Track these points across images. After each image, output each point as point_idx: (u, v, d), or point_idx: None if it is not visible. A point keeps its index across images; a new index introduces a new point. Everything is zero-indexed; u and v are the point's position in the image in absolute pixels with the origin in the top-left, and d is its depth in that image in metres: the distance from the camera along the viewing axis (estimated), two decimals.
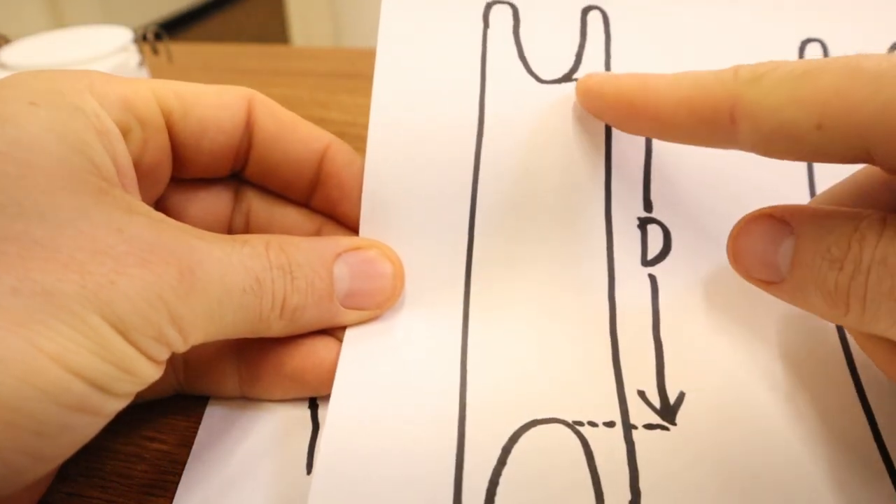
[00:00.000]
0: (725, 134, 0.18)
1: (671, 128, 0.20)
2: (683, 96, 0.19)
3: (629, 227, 0.23)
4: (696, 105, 0.18)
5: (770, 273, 0.18)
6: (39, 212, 0.16)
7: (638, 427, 0.20)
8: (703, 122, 0.18)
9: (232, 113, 0.22)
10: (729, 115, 0.17)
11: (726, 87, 0.18)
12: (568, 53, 0.24)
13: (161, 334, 0.17)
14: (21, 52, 0.42)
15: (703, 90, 0.18)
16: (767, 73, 0.17)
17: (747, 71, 0.17)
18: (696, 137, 0.19)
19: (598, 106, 0.22)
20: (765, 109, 0.17)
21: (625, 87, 0.21)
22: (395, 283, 0.22)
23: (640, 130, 0.22)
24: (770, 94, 0.16)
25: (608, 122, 0.23)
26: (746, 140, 0.17)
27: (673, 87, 0.19)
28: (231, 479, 0.20)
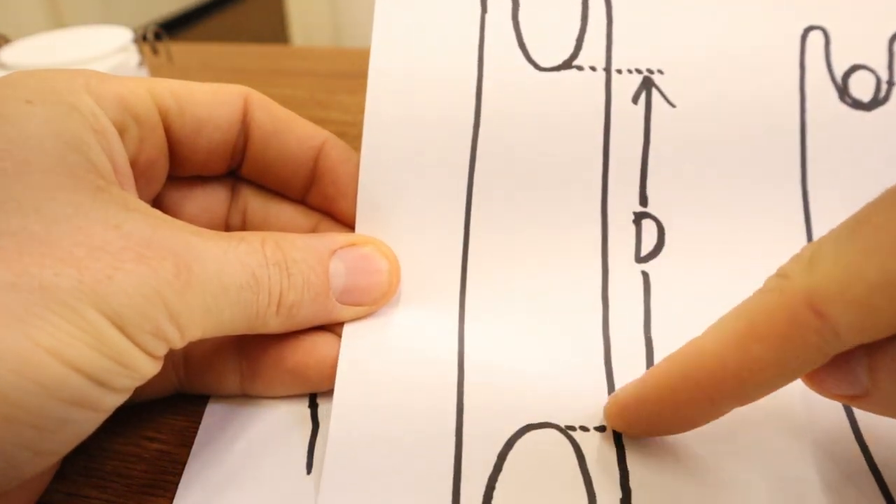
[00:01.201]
0: (818, 336, 0.15)
1: (752, 375, 0.16)
2: (743, 333, 0.15)
3: (624, 222, 0.23)
4: (765, 329, 0.15)
5: (851, 387, 0.16)
6: (36, 208, 0.16)
7: None
8: (785, 342, 0.15)
9: (228, 110, 0.22)
10: (810, 312, 0.14)
11: (785, 292, 0.15)
12: (568, 38, 0.23)
13: (158, 329, 0.17)
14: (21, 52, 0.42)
15: (762, 313, 0.15)
16: (815, 252, 0.15)
17: (792, 265, 0.15)
18: (787, 366, 0.15)
19: (646, 419, 0.18)
20: (848, 278, 0.14)
21: (665, 373, 0.17)
22: (391, 279, 0.22)
23: (718, 409, 0.17)
24: (840, 263, 0.14)
25: (674, 431, 0.19)
26: (847, 324, 0.14)
27: (721, 334, 0.16)
28: (231, 478, 0.20)
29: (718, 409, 0.17)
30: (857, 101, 0.24)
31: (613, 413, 0.19)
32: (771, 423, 0.20)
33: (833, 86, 0.24)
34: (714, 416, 0.17)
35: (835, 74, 0.24)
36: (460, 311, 0.22)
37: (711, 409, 0.17)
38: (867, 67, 0.24)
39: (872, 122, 0.23)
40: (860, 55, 0.24)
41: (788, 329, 0.15)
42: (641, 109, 0.23)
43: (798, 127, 0.23)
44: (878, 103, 0.24)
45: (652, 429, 0.19)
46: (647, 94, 0.23)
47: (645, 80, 0.24)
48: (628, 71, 0.23)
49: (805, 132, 0.24)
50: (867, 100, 0.24)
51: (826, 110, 0.23)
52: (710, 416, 0.18)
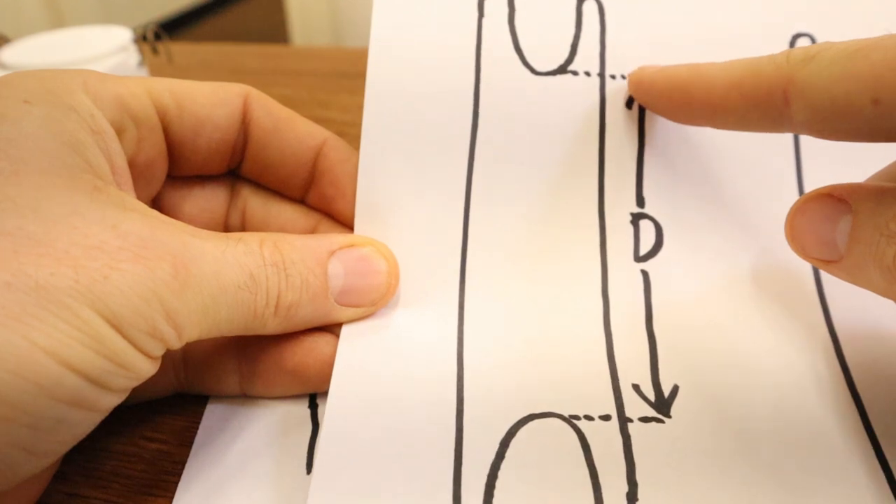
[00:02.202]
0: (779, 115, 0.18)
1: (724, 113, 0.20)
2: (735, 80, 0.19)
3: (622, 223, 0.23)
4: (749, 88, 0.18)
5: (827, 251, 0.18)
6: (33, 208, 0.16)
7: (633, 420, 0.20)
8: (756, 105, 0.18)
9: (227, 110, 0.22)
10: (782, 95, 0.17)
11: (779, 69, 0.18)
12: (563, 44, 0.24)
13: (155, 329, 0.17)
14: (21, 52, 0.42)
15: (755, 73, 0.18)
16: (820, 53, 0.17)
17: (800, 52, 0.17)
18: (749, 122, 0.19)
19: (650, 96, 0.23)
20: (818, 87, 0.17)
21: (677, 75, 0.21)
22: (390, 280, 0.22)
23: (693, 118, 0.22)
24: (823, 72, 0.16)
25: (661, 114, 0.23)
26: (801, 120, 0.17)
27: (725, 72, 0.19)
28: (231, 478, 0.20)
29: (695, 119, 0.22)
30: None
31: (633, 81, 0.23)
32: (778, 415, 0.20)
33: None
34: (691, 123, 0.22)
35: None
36: (459, 311, 0.22)
37: (698, 115, 0.21)
38: None
39: None
40: None
41: (761, 99, 0.18)
42: (635, 113, 0.24)
43: None
44: None
45: (655, 107, 0.23)
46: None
47: None
48: (622, 76, 0.24)
49: None
50: None
51: None
52: (696, 120, 0.22)
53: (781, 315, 0.22)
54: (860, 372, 0.21)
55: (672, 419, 0.20)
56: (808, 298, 0.23)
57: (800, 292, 0.23)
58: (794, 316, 0.22)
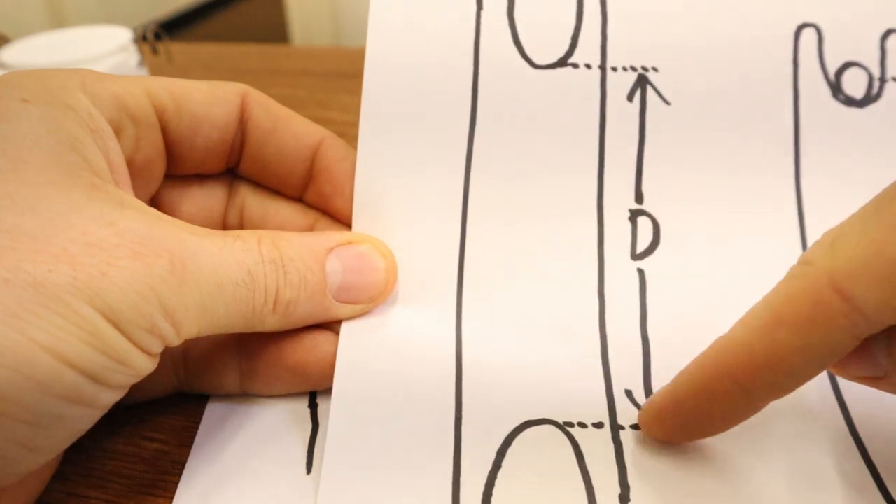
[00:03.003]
0: (845, 318, 0.14)
1: (780, 362, 0.15)
2: (771, 320, 0.15)
3: (620, 219, 0.23)
4: (792, 314, 0.15)
5: (870, 369, 0.16)
6: (31, 205, 0.16)
7: (625, 427, 0.20)
8: (811, 325, 0.15)
9: (225, 109, 0.22)
10: (835, 295, 0.14)
11: (809, 276, 0.15)
12: (564, 36, 0.24)
13: (153, 326, 0.17)
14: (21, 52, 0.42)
15: (787, 298, 0.15)
16: (838, 235, 0.15)
17: (814, 250, 0.15)
18: (815, 350, 0.15)
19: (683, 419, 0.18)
20: (870, 257, 0.14)
21: (697, 370, 0.17)
22: (388, 277, 0.22)
23: (754, 400, 0.17)
24: (861, 243, 0.14)
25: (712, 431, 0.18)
26: (874, 303, 0.14)
27: (751, 322, 0.16)
28: (231, 478, 0.20)
29: (754, 401, 0.17)
30: (849, 98, 0.24)
31: (650, 419, 0.19)
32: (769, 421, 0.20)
33: (826, 83, 0.24)
34: (752, 410, 0.17)
35: (828, 71, 0.24)
36: (457, 308, 0.22)
37: (747, 401, 0.17)
38: (860, 64, 0.24)
39: (865, 119, 0.24)
40: (853, 52, 0.24)
41: (813, 312, 0.15)
42: (636, 107, 0.24)
43: (792, 124, 0.24)
44: (871, 100, 0.24)
45: (690, 430, 0.18)
46: (642, 92, 0.24)
47: (640, 78, 0.24)
48: (623, 69, 0.24)
49: (798, 129, 0.24)
50: (860, 97, 0.24)
51: (819, 107, 0.24)
52: (747, 410, 0.17)
53: None
54: None
55: None
56: None
57: None
58: None
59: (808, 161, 0.24)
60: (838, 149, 0.23)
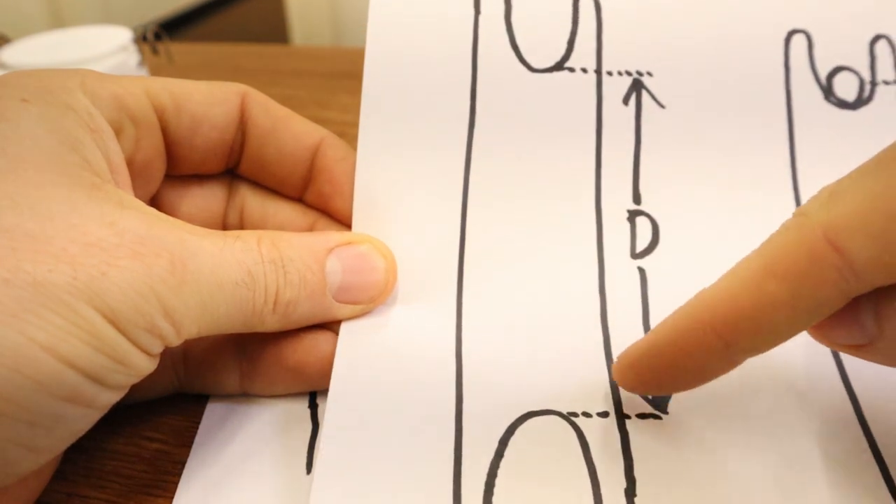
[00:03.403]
0: (838, 272, 0.14)
1: (770, 315, 0.15)
2: (762, 270, 0.15)
3: (619, 220, 0.23)
4: (784, 266, 0.14)
5: (857, 336, 0.15)
6: (31, 205, 0.16)
7: (631, 417, 0.20)
8: (803, 279, 0.14)
9: (225, 109, 0.22)
10: (828, 248, 0.14)
11: (803, 228, 0.14)
12: (560, 41, 0.24)
13: (153, 326, 0.17)
14: (21, 52, 0.42)
15: (781, 249, 0.15)
16: (835, 190, 0.14)
17: (811, 203, 0.15)
18: (805, 304, 0.15)
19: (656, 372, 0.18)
20: (866, 211, 0.14)
21: (679, 320, 0.16)
22: (388, 277, 0.22)
23: (736, 352, 0.16)
24: (858, 197, 0.14)
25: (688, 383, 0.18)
26: (866, 258, 0.14)
27: (742, 272, 0.15)
28: (231, 478, 0.20)
29: (732, 355, 0.16)
30: (841, 101, 0.24)
31: (624, 367, 0.18)
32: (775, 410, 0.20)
33: (818, 86, 0.24)
34: (728, 366, 0.17)
35: (819, 75, 0.24)
36: (457, 308, 0.22)
37: (725, 355, 0.16)
38: (850, 69, 0.24)
39: (858, 121, 0.24)
40: (843, 57, 0.24)
41: (807, 265, 0.14)
42: (632, 110, 0.24)
43: (786, 126, 0.24)
44: (863, 102, 0.24)
45: (663, 383, 0.18)
46: (637, 96, 0.24)
47: (635, 82, 0.24)
48: (618, 73, 0.24)
49: (793, 131, 0.24)
50: (852, 99, 0.24)
51: (812, 110, 0.24)
52: (723, 365, 0.17)
53: None
54: (856, 367, 0.21)
55: (669, 415, 0.20)
56: None
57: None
58: None
59: (803, 158, 0.24)
60: (832, 149, 0.24)
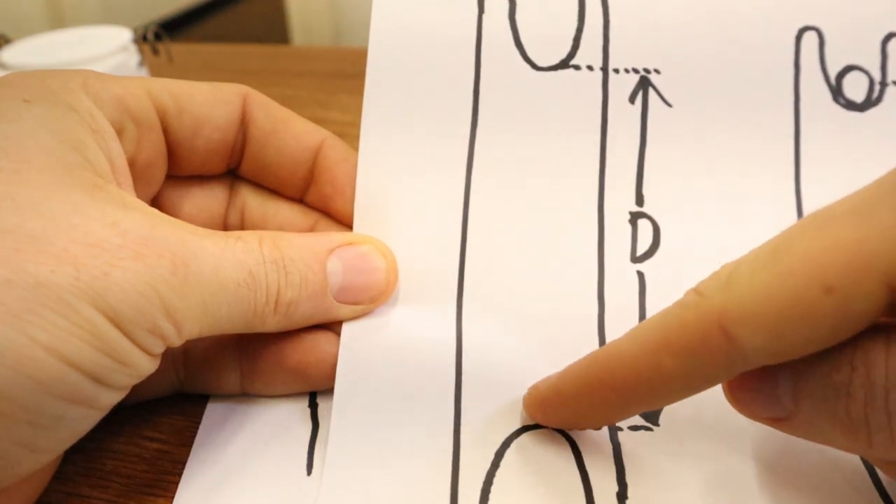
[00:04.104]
0: (726, 357, 0.15)
1: (661, 385, 0.16)
2: (658, 343, 0.16)
3: (620, 222, 0.23)
4: (679, 344, 0.15)
5: (774, 409, 0.16)
6: (33, 206, 0.16)
7: (623, 428, 0.20)
8: (694, 358, 0.15)
9: (226, 110, 0.22)
10: (720, 333, 0.15)
11: (700, 309, 0.15)
12: (565, 38, 0.24)
13: (155, 326, 0.17)
14: (21, 52, 0.42)
15: (677, 326, 0.16)
16: (732, 273, 0.15)
17: (709, 283, 0.15)
18: (694, 380, 0.16)
19: (561, 414, 0.19)
20: (758, 303, 0.14)
21: (582, 372, 0.18)
22: (389, 277, 0.22)
23: (625, 410, 0.18)
24: (753, 287, 0.14)
25: (584, 426, 0.19)
26: (753, 348, 0.14)
27: (639, 340, 0.16)
28: (231, 478, 0.20)
29: (629, 410, 0.18)
30: (850, 102, 0.24)
31: (532, 404, 0.20)
32: None
33: (827, 86, 0.24)
34: (626, 416, 0.18)
35: (829, 75, 0.24)
36: (458, 309, 0.22)
37: (623, 410, 0.18)
38: (861, 68, 0.24)
39: (865, 123, 0.24)
40: (854, 56, 0.24)
41: (699, 346, 0.15)
42: (638, 109, 0.24)
43: (792, 127, 0.24)
44: (871, 104, 0.24)
45: (566, 423, 0.20)
46: (644, 94, 0.24)
47: (642, 80, 0.24)
48: (625, 70, 0.24)
49: (799, 132, 0.24)
50: (860, 100, 0.24)
51: (820, 111, 0.24)
52: (621, 416, 0.19)
53: None
54: None
55: (661, 427, 0.20)
56: None
57: None
58: None
59: (808, 164, 0.24)
60: (839, 152, 0.23)
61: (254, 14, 1.42)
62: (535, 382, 0.20)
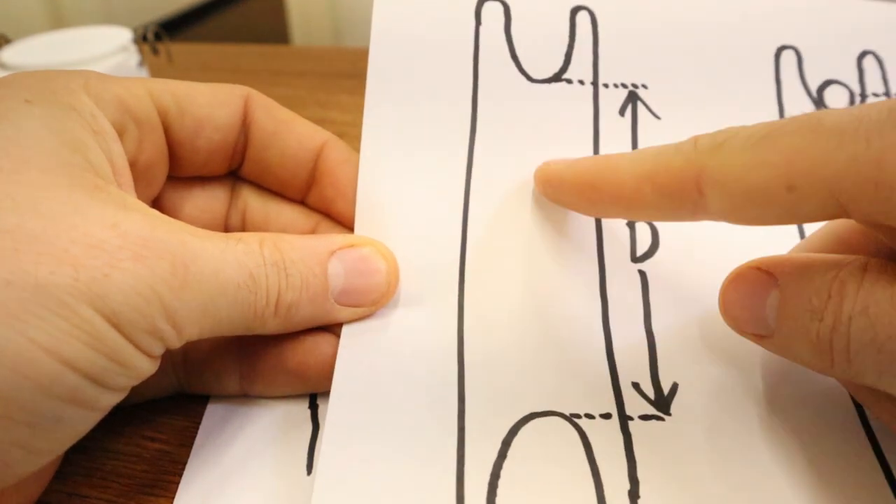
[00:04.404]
0: (693, 206, 0.18)
1: (637, 206, 0.19)
2: (646, 174, 0.18)
3: (618, 226, 0.24)
4: (661, 181, 0.18)
5: (760, 327, 0.18)
6: (33, 206, 0.16)
7: (634, 418, 0.20)
8: (669, 197, 0.18)
9: (228, 111, 0.22)
10: (695, 186, 0.17)
11: (688, 160, 0.17)
12: (558, 53, 0.24)
13: (155, 328, 0.17)
14: (21, 52, 0.42)
15: (666, 164, 0.18)
16: (728, 140, 0.17)
17: (707, 140, 0.17)
18: (663, 212, 0.19)
19: (558, 193, 0.22)
20: (731, 176, 0.16)
21: (585, 171, 0.21)
22: (390, 279, 0.22)
23: (606, 212, 0.21)
24: (734, 160, 0.16)
25: (572, 209, 0.23)
26: (716, 209, 0.17)
27: (634, 164, 0.19)
28: (231, 479, 0.20)
29: (609, 213, 0.21)
30: None
31: (540, 177, 0.23)
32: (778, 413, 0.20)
33: (809, 99, 0.25)
34: (605, 216, 0.23)
35: (810, 88, 0.25)
36: (459, 311, 0.22)
37: (604, 212, 0.21)
38: (840, 82, 0.25)
39: None
40: (832, 71, 0.25)
41: (675, 190, 0.18)
42: (628, 121, 0.24)
43: None
44: None
45: (559, 202, 0.23)
46: (633, 107, 0.24)
47: (630, 94, 0.25)
48: (614, 85, 0.24)
49: None
50: None
51: None
52: (602, 216, 0.23)
53: None
54: None
55: (672, 417, 0.20)
56: None
57: None
58: None
59: None
60: None
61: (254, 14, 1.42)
62: (549, 161, 0.23)
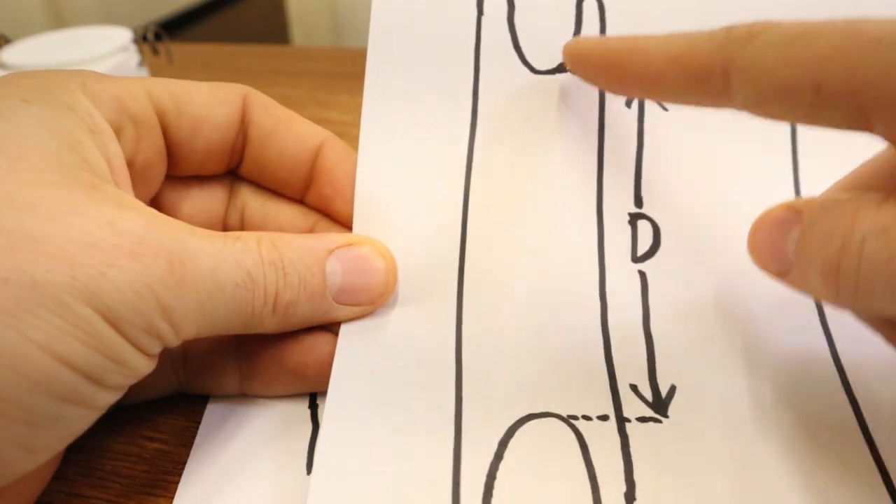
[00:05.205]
0: (718, 93, 0.17)
1: (662, 88, 0.19)
2: (675, 55, 0.18)
3: (620, 223, 0.23)
4: (688, 64, 0.18)
5: (781, 263, 0.17)
6: (30, 205, 0.16)
7: (631, 420, 0.20)
8: (694, 81, 0.18)
9: (226, 110, 0.22)
10: (722, 73, 0.17)
11: (720, 47, 0.17)
12: (563, 42, 0.24)
13: (152, 326, 0.17)
14: (21, 52, 0.42)
15: (695, 49, 0.18)
16: (763, 33, 0.16)
17: (741, 30, 0.17)
18: (687, 97, 0.19)
19: (586, 69, 0.22)
20: (759, 69, 0.16)
21: (614, 48, 0.20)
22: (388, 278, 0.22)
23: (631, 91, 0.22)
24: (765, 54, 0.16)
25: (598, 86, 0.23)
26: (741, 100, 0.17)
27: (664, 46, 0.19)
28: (231, 478, 0.20)
29: (631, 92, 0.22)
30: None
31: (568, 51, 0.22)
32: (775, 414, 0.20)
33: None
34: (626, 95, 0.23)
35: None
36: (457, 310, 0.22)
37: (627, 90, 0.21)
38: None
39: None
40: None
41: (700, 75, 0.18)
42: (635, 112, 0.24)
43: (788, 125, 0.24)
44: None
45: (583, 76, 0.22)
46: (640, 99, 0.24)
47: None
48: None
49: (795, 130, 0.24)
50: None
51: None
52: (624, 93, 0.23)
53: (778, 315, 0.22)
54: (855, 370, 0.21)
55: (669, 419, 0.20)
56: (804, 298, 0.23)
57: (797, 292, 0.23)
58: (790, 315, 0.22)
59: (805, 161, 0.24)
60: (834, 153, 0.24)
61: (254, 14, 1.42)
62: (579, 36, 0.23)
